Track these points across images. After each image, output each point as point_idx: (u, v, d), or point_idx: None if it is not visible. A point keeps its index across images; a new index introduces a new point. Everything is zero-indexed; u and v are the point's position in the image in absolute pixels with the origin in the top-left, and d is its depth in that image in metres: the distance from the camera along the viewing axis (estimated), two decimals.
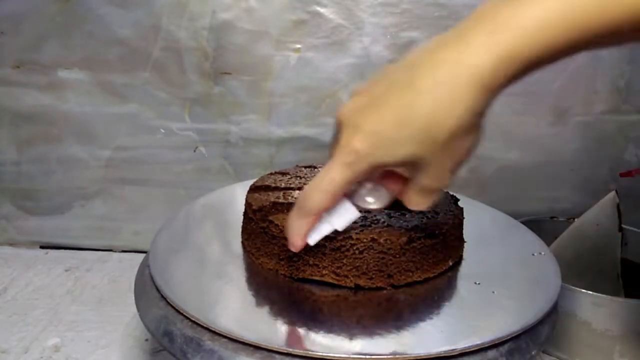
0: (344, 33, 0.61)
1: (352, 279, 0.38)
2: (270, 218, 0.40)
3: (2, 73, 0.63)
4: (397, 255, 0.38)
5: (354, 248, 0.38)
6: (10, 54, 0.63)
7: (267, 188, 0.45)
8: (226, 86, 0.63)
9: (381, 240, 0.38)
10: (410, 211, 0.42)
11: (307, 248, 0.36)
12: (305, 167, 0.51)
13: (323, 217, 0.35)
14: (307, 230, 0.34)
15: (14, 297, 0.58)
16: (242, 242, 0.44)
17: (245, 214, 0.44)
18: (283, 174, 0.49)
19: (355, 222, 0.38)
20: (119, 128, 0.65)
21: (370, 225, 0.39)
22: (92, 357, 0.49)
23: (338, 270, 0.38)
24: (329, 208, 0.34)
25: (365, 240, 0.38)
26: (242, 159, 0.66)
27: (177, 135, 0.65)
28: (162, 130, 0.65)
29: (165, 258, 0.42)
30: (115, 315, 0.55)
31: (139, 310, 0.40)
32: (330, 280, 0.38)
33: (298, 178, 0.47)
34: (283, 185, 0.46)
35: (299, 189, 0.45)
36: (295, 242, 0.34)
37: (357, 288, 0.38)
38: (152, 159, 0.66)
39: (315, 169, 0.50)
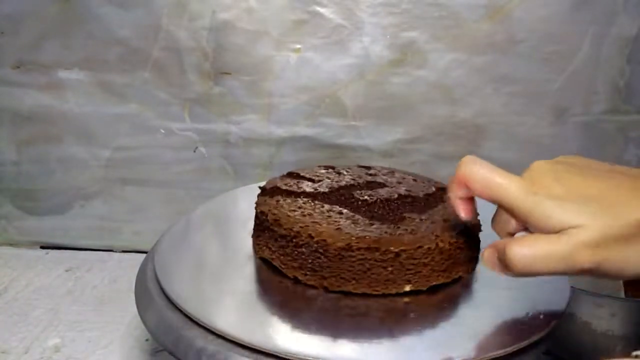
0: (344, 33, 0.61)
1: (379, 289, 0.38)
2: (298, 230, 0.39)
3: (2, 73, 0.63)
4: (420, 265, 0.38)
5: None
6: (10, 54, 0.63)
7: (280, 191, 0.44)
8: (226, 86, 0.63)
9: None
10: (413, 220, 0.41)
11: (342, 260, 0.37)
12: (325, 167, 0.50)
13: None
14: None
15: (14, 297, 0.58)
16: (258, 249, 0.43)
17: (259, 220, 0.43)
18: (294, 176, 0.47)
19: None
20: (119, 128, 0.65)
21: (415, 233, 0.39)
22: (93, 357, 0.49)
23: (366, 281, 0.38)
24: None
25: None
26: (242, 159, 0.66)
27: (177, 135, 0.65)
28: (162, 130, 0.65)
29: (167, 258, 0.42)
30: (115, 315, 0.55)
31: (139, 310, 0.40)
32: (363, 291, 0.38)
33: (311, 182, 0.46)
34: (295, 189, 0.45)
35: (314, 195, 0.44)
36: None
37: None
38: (152, 159, 0.66)
39: (332, 170, 0.49)
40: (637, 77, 0.62)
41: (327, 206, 0.42)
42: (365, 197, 0.43)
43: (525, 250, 0.29)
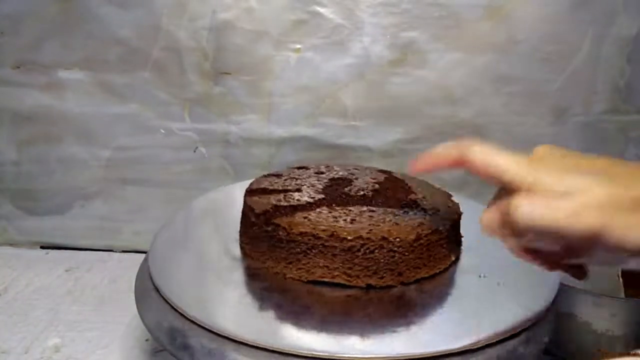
0: (344, 33, 0.61)
1: (363, 278, 0.38)
2: (276, 221, 0.40)
3: (2, 73, 0.63)
4: (407, 253, 0.39)
5: (365, 248, 0.38)
6: (10, 54, 0.63)
7: (265, 191, 0.45)
8: (226, 86, 0.63)
9: (391, 239, 0.38)
10: (412, 208, 0.42)
11: (316, 250, 0.37)
12: (298, 168, 0.51)
13: None
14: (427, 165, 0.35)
15: (15, 297, 0.58)
16: (242, 246, 0.44)
17: (245, 217, 0.44)
18: (277, 175, 0.49)
19: (361, 222, 0.39)
20: (119, 128, 0.65)
21: (378, 225, 0.39)
22: (93, 357, 0.49)
23: (349, 271, 0.38)
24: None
25: (375, 239, 0.38)
26: (242, 159, 0.66)
27: (177, 135, 0.65)
28: (162, 130, 0.65)
29: (165, 258, 0.42)
30: (115, 316, 0.55)
31: (139, 310, 0.40)
32: (342, 282, 0.38)
33: (293, 180, 0.47)
34: (280, 187, 0.46)
35: (297, 190, 0.45)
36: (417, 165, 0.35)
37: (368, 287, 0.39)
38: (152, 159, 0.66)
39: (308, 170, 0.50)
40: (637, 77, 0.62)
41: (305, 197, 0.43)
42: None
43: (533, 202, 0.29)
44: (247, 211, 0.43)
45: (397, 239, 0.38)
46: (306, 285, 0.39)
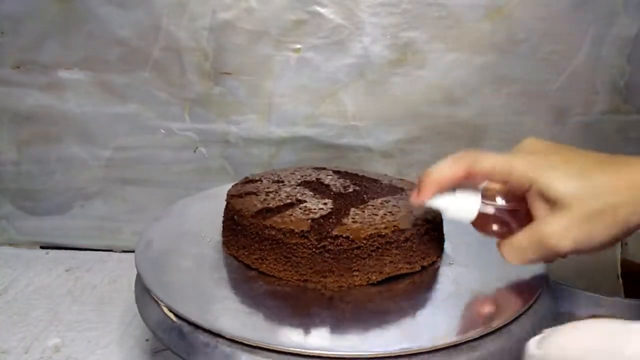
0: (344, 33, 0.61)
1: (360, 278, 0.39)
2: (269, 223, 0.40)
3: (2, 73, 0.63)
4: (397, 251, 0.39)
5: (365, 249, 0.38)
6: (10, 54, 0.63)
7: (248, 194, 0.45)
8: (226, 86, 0.63)
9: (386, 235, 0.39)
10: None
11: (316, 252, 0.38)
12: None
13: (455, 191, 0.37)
14: (435, 191, 0.36)
15: (15, 297, 0.58)
16: (231, 253, 0.43)
17: (232, 222, 0.43)
18: (254, 181, 0.48)
19: (354, 221, 0.39)
20: (119, 128, 0.65)
21: (371, 225, 0.39)
22: (93, 357, 0.49)
23: (345, 272, 0.38)
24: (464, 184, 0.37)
25: (383, 234, 0.39)
26: (242, 159, 0.66)
27: (177, 135, 0.65)
28: (162, 131, 0.65)
29: (158, 258, 0.43)
30: (115, 316, 0.55)
31: (139, 310, 0.40)
32: (339, 284, 0.39)
33: (275, 183, 0.47)
34: (262, 188, 0.46)
35: (276, 191, 0.45)
36: (421, 196, 0.36)
37: (370, 285, 0.39)
38: (152, 159, 0.66)
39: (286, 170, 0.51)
40: (637, 77, 0.62)
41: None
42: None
43: (571, 232, 0.33)
44: (235, 214, 0.42)
45: (393, 236, 0.39)
46: (305, 285, 0.39)
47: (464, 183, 0.36)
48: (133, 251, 0.43)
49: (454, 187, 0.37)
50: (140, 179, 0.67)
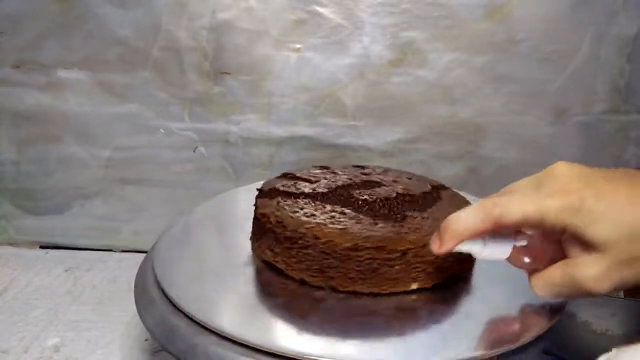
0: (344, 33, 0.61)
1: (387, 288, 0.38)
2: (303, 232, 0.39)
3: (2, 73, 0.63)
4: (426, 263, 0.39)
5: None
6: (10, 54, 0.62)
7: (279, 193, 0.44)
8: (226, 86, 0.63)
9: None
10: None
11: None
12: (320, 168, 0.50)
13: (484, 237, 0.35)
14: (458, 243, 0.34)
15: (14, 297, 0.58)
16: (259, 252, 0.43)
17: (261, 223, 0.42)
18: (290, 177, 0.47)
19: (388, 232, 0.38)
20: (119, 128, 0.65)
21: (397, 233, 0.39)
22: (93, 357, 0.49)
23: (374, 281, 0.38)
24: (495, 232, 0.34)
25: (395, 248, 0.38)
26: (242, 159, 0.66)
27: (177, 135, 0.65)
28: (162, 131, 0.65)
29: (169, 261, 0.42)
30: (115, 316, 0.55)
31: (139, 310, 0.40)
32: (367, 291, 0.38)
33: (309, 182, 0.46)
34: (294, 190, 0.44)
35: (314, 196, 0.43)
36: (444, 248, 0.34)
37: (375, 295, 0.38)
38: (152, 159, 0.66)
39: (328, 171, 0.49)
40: (637, 77, 0.62)
41: (328, 207, 0.42)
42: (365, 196, 0.43)
43: (609, 277, 0.32)
44: (262, 218, 0.41)
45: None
46: (309, 289, 0.39)
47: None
48: (133, 251, 0.43)
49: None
50: (140, 179, 0.67)
